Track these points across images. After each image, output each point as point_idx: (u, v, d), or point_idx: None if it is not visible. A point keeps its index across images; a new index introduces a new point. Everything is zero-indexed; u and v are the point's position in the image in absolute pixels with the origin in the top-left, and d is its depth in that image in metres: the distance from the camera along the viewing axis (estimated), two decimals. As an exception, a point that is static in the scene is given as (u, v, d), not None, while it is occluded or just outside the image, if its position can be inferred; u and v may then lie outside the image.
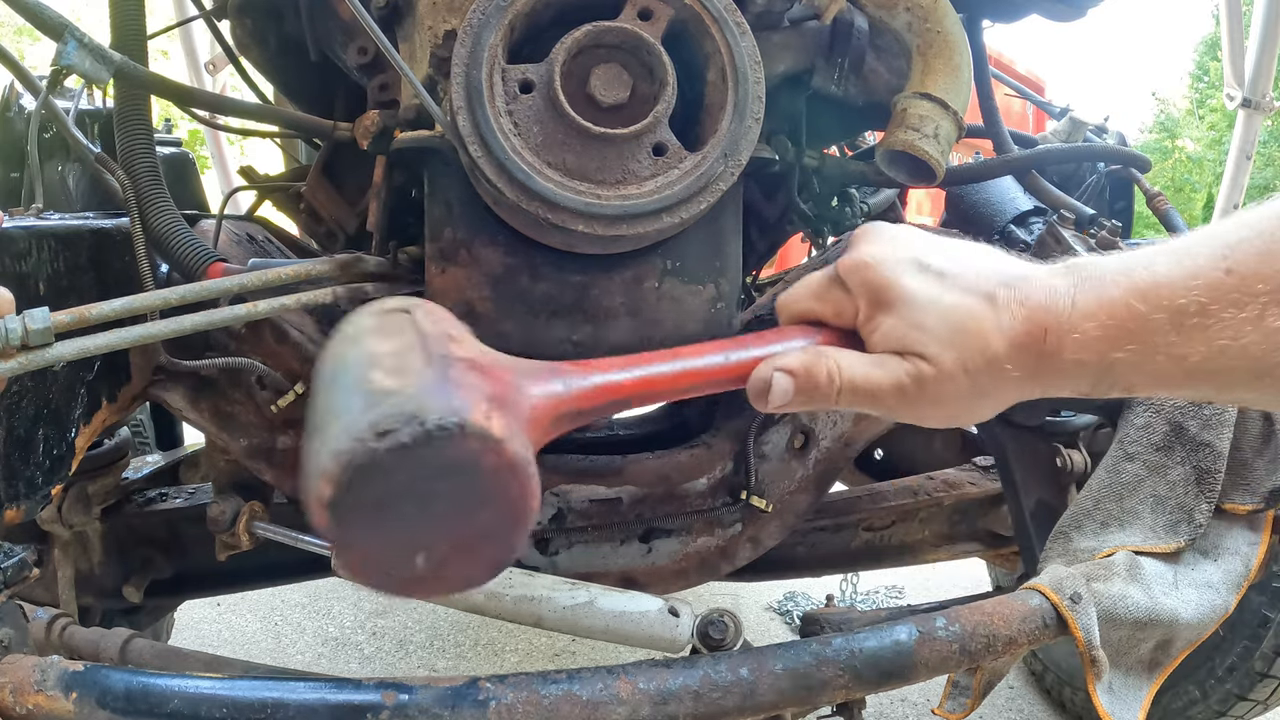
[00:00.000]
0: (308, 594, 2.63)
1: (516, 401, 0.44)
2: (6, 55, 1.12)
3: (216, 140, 4.92)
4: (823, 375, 0.53)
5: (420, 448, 0.37)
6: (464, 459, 0.39)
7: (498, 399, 0.42)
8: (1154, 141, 19.86)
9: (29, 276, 0.92)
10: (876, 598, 2.69)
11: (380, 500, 0.38)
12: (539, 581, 0.95)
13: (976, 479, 1.58)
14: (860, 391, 0.53)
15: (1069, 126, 1.81)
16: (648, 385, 0.52)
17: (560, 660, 2.26)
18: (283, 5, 1.23)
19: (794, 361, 0.53)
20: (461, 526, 0.41)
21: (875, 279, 0.53)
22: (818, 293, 0.57)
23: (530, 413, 0.45)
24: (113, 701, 0.69)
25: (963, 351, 0.51)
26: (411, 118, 1.01)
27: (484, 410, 0.40)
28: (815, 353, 0.54)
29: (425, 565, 0.41)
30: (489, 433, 0.39)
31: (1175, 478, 1.01)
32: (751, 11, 0.99)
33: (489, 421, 0.39)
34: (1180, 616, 0.93)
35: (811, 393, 0.53)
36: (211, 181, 4.71)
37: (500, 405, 0.42)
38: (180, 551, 1.34)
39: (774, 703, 0.76)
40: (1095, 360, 0.48)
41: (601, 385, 0.50)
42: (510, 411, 0.42)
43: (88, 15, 6.80)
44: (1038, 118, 5.81)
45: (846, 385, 0.53)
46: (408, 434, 0.37)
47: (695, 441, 1.27)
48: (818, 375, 0.53)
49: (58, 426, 0.96)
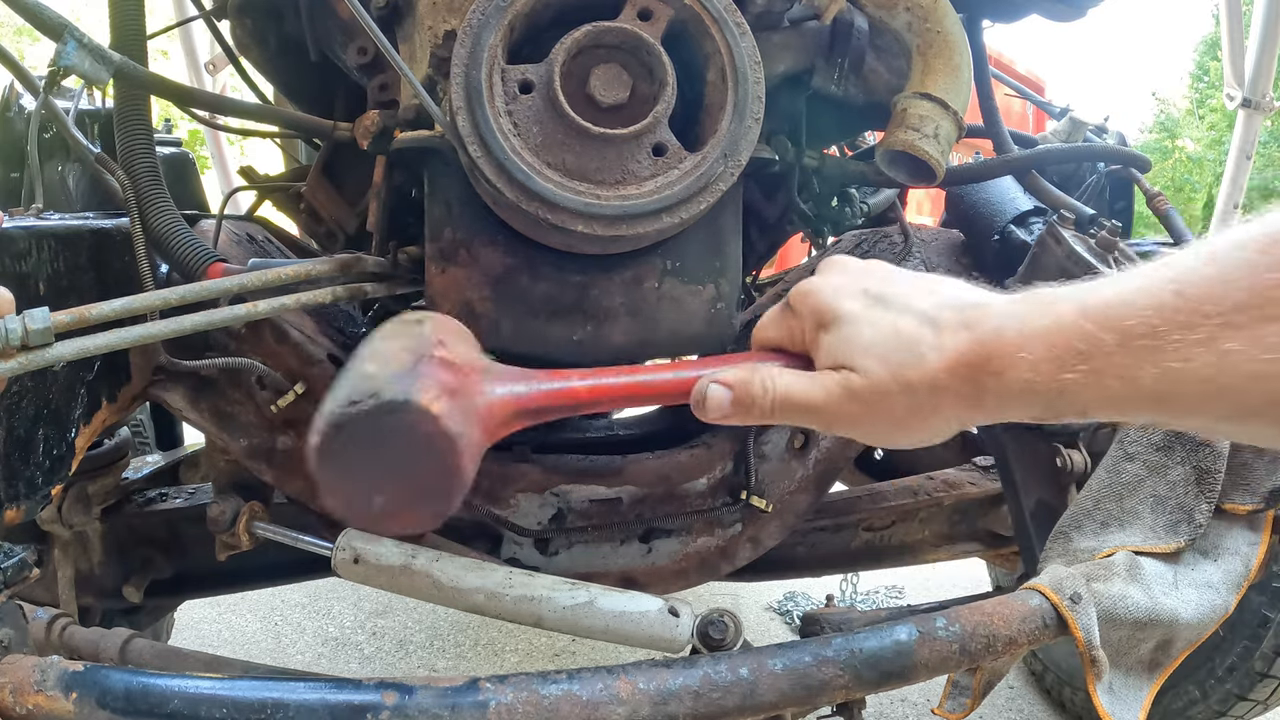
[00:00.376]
0: (308, 594, 2.63)
1: (472, 394, 0.56)
2: (6, 55, 1.12)
3: (216, 140, 4.92)
4: (756, 388, 0.57)
5: (376, 415, 0.51)
6: (406, 427, 0.51)
7: (451, 389, 0.54)
8: (1154, 141, 19.86)
9: (29, 276, 0.92)
10: (876, 598, 2.69)
11: (351, 452, 0.52)
12: (539, 581, 0.95)
13: (976, 479, 1.58)
14: (793, 403, 0.56)
15: (1069, 126, 1.81)
16: (601, 393, 0.61)
17: (560, 660, 2.26)
18: (283, 5, 1.23)
19: (730, 376, 0.58)
20: (408, 480, 0.54)
21: (818, 303, 0.57)
22: (775, 321, 0.62)
23: (487, 404, 0.57)
24: (113, 701, 0.69)
25: (895, 367, 0.52)
26: (411, 118, 1.01)
27: (432, 395, 0.52)
28: (750, 368, 0.58)
29: (382, 506, 0.54)
30: (427, 410, 0.51)
31: (1175, 478, 1.01)
32: (751, 11, 0.99)
33: (432, 403, 0.52)
34: (1180, 616, 0.92)
35: (747, 404, 0.57)
36: (211, 181, 4.71)
37: (451, 394, 0.53)
38: (180, 551, 1.34)
39: (774, 703, 0.76)
40: (1045, 382, 0.48)
41: (559, 390, 0.60)
42: (460, 399, 0.54)
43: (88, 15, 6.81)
44: (1038, 118, 5.81)
45: (779, 398, 0.56)
46: (369, 404, 0.51)
47: (695, 441, 1.27)
48: (751, 388, 0.57)
49: (58, 426, 0.96)
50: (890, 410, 0.53)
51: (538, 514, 1.16)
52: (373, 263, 1.06)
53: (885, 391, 0.53)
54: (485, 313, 0.98)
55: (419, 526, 0.57)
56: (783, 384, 0.56)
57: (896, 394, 0.53)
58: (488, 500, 1.15)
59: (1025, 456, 1.27)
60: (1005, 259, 1.31)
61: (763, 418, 0.57)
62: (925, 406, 0.53)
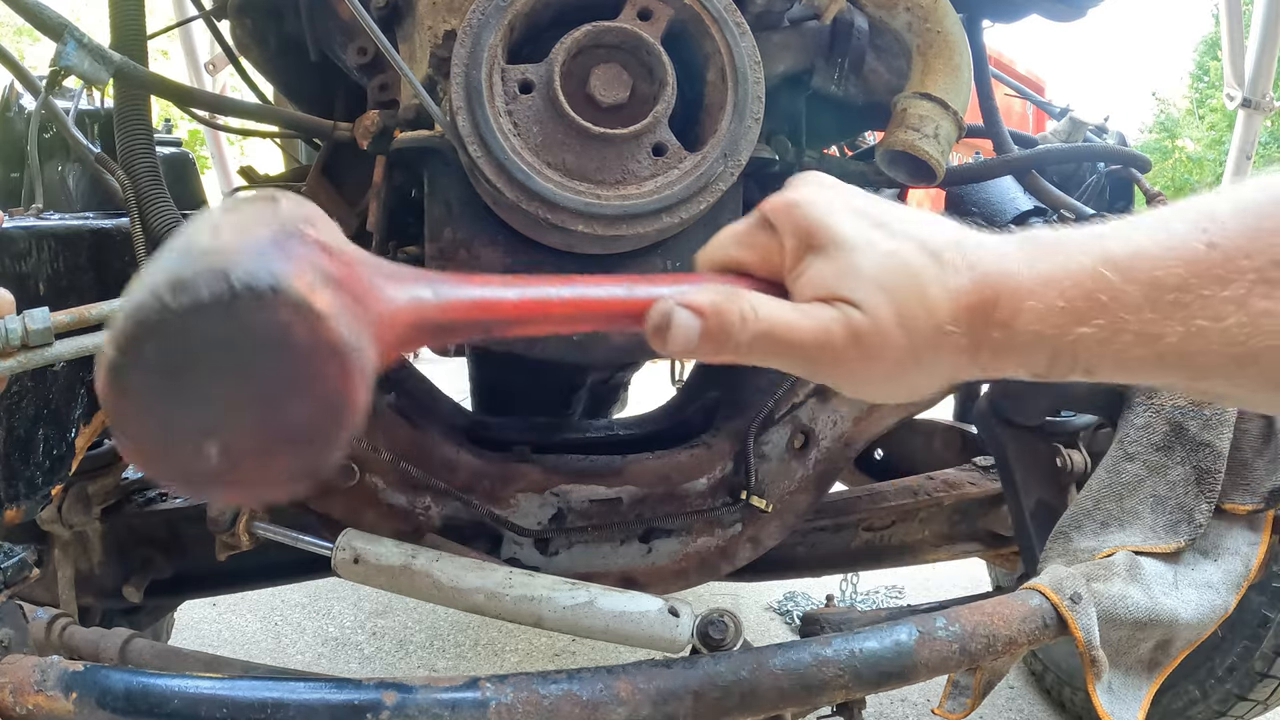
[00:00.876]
0: (308, 594, 2.63)
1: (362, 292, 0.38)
2: (6, 55, 1.12)
3: (216, 140, 4.92)
4: (735, 316, 0.45)
5: (220, 307, 0.32)
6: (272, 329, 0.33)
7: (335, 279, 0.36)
8: (1154, 141, 19.86)
9: (29, 276, 0.92)
10: (876, 598, 2.69)
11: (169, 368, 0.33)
12: (539, 581, 0.95)
13: (976, 479, 1.58)
14: (778, 340, 0.45)
15: (1069, 126, 1.81)
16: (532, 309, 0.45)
17: (560, 660, 2.26)
18: (283, 5, 1.23)
19: (702, 299, 0.45)
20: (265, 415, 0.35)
21: (806, 218, 0.46)
22: (741, 238, 0.50)
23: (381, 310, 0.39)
24: (113, 701, 0.69)
25: (900, 303, 0.44)
26: (411, 118, 1.01)
27: (309, 281, 0.34)
28: (729, 291, 0.46)
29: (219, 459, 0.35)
30: (308, 303, 0.33)
31: (1175, 478, 1.01)
32: (751, 11, 0.99)
33: (311, 293, 0.34)
34: (1180, 616, 0.93)
35: (720, 337, 0.45)
36: (211, 181, 4.71)
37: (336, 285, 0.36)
38: (180, 551, 1.34)
39: (774, 703, 0.76)
40: (1055, 334, 0.42)
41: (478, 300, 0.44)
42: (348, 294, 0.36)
43: (88, 15, 6.80)
44: (1038, 118, 5.81)
45: (762, 330, 0.45)
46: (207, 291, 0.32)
47: (695, 441, 1.27)
48: (728, 316, 0.45)
49: (58, 426, 0.96)
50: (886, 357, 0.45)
51: (538, 514, 1.17)
52: (373, 263, 1.05)
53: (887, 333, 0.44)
54: (485, 313, 0.97)
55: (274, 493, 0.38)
56: (766, 314, 0.45)
57: (897, 337, 0.44)
58: (488, 500, 1.15)
59: (1025, 456, 1.27)
60: (1005, 259, 1.31)
61: (736, 354, 0.46)
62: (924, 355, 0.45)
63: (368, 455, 1.13)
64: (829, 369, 0.46)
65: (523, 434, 1.37)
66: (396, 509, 1.14)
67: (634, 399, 2.19)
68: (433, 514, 1.14)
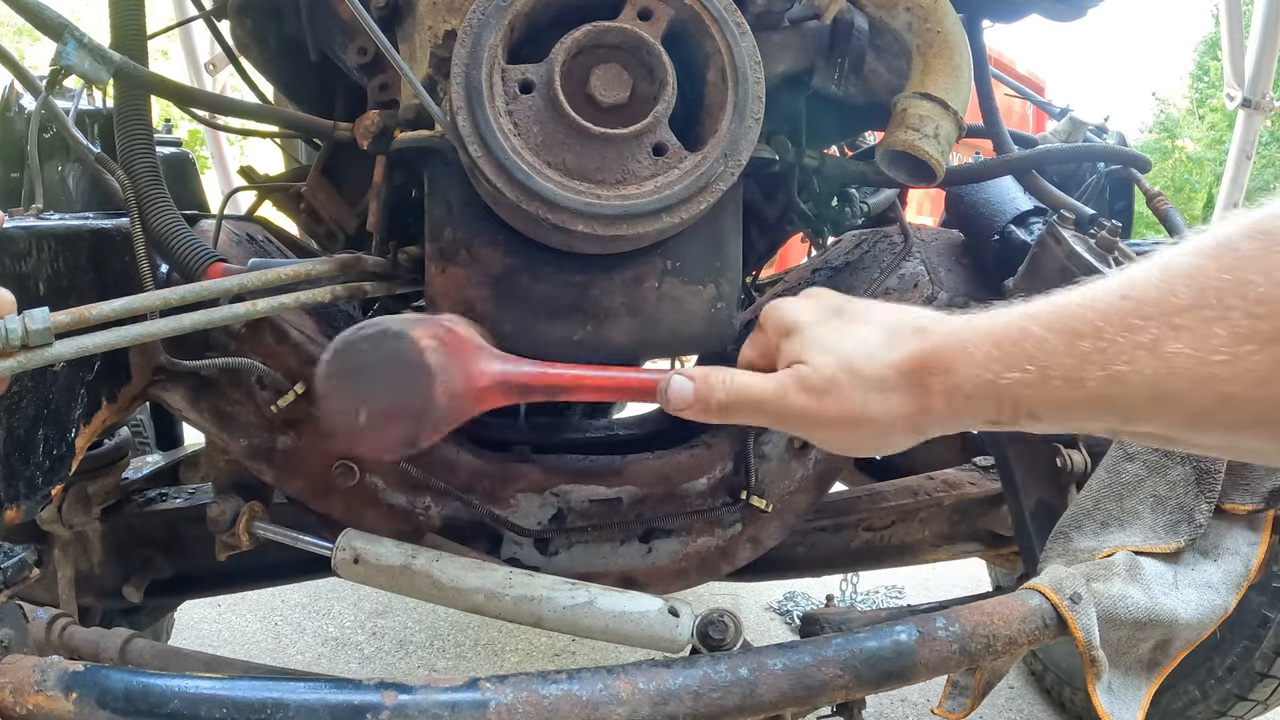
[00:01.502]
0: (308, 594, 2.63)
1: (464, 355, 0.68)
2: (6, 55, 1.12)
3: (216, 140, 4.93)
4: (716, 381, 0.61)
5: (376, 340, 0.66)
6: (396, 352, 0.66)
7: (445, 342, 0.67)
8: (1154, 141, 19.86)
9: (29, 276, 0.92)
10: (876, 598, 2.69)
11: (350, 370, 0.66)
12: (539, 581, 0.95)
13: (976, 479, 1.58)
14: (747, 398, 0.60)
15: (1069, 126, 1.81)
16: (577, 381, 0.69)
17: (560, 660, 2.26)
18: (283, 5, 1.23)
19: (694, 372, 0.64)
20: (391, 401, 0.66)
21: (781, 317, 0.63)
22: (749, 340, 0.68)
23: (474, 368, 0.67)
24: (113, 701, 0.69)
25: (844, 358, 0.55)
26: (411, 118, 1.01)
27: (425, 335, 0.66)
28: (714, 369, 0.63)
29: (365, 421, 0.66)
30: (415, 340, 0.65)
31: (1175, 477, 1.01)
32: (751, 11, 0.99)
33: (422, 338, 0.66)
34: (1180, 616, 0.92)
35: (705, 395, 0.62)
36: (211, 181, 4.71)
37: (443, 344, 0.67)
38: (180, 551, 1.34)
39: (774, 703, 0.76)
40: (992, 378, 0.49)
41: (540, 374, 0.70)
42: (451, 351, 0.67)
43: (88, 15, 6.80)
44: (1038, 118, 5.81)
45: (735, 390, 0.60)
46: (372, 330, 0.66)
47: (695, 441, 1.27)
48: (711, 381, 0.61)
49: (58, 426, 0.96)
50: (839, 406, 0.55)
51: (538, 514, 1.16)
52: (373, 263, 1.06)
53: (834, 383, 0.55)
54: (485, 312, 0.98)
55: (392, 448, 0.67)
56: (739, 381, 0.61)
57: (846, 387, 0.55)
58: (488, 500, 1.15)
59: (1025, 456, 1.27)
60: (1005, 259, 1.31)
61: (721, 411, 0.61)
62: (874, 405, 0.54)
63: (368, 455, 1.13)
64: (794, 419, 0.59)
65: (523, 434, 1.37)
66: (396, 509, 1.14)
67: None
68: (433, 514, 1.14)
